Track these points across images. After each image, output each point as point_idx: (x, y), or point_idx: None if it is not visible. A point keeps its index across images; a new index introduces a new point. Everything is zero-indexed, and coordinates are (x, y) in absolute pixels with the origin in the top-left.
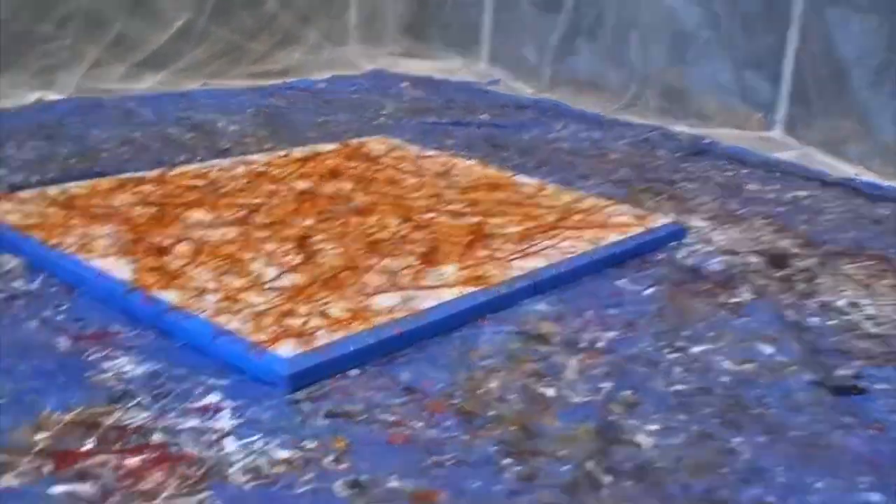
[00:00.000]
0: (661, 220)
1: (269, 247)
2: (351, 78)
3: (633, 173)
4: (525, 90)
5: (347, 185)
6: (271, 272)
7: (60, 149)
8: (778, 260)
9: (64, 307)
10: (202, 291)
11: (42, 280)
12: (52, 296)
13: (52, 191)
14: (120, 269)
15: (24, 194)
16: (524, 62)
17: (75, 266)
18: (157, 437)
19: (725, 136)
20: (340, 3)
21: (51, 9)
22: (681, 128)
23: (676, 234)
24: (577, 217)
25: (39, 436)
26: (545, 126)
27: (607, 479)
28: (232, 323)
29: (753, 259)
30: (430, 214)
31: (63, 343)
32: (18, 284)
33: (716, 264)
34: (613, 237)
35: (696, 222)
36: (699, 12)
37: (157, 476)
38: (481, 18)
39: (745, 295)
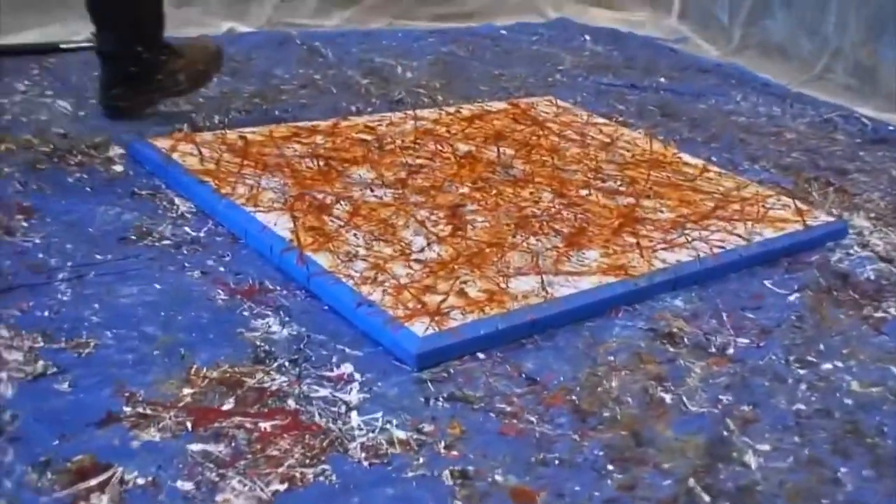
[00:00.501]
0: (822, 218)
1: (422, 213)
2: (535, 26)
3: (806, 158)
4: (712, 52)
5: (510, 151)
6: (419, 241)
7: (244, 86)
8: None
9: (227, 258)
10: (353, 257)
11: (209, 228)
12: (217, 245)
13: (231, 135)
14: (282, 225)
15: (204, 135)
16: (714, 21)
17: (241, 218)
18: (290, 404)
19: None
20: None
21: None
22: (867, 110)
23: (837, 232)
24: (734, 207)
25: (186, 391)
26: (724, 96)
27: (706, 498)
28: (375, 293)
29: None
30: (585, 191)
31: (220, 296)
32: (187, 230)
33: (869, 272)
34: (768, 233)
35: (860, 221)
36: None
37: (284, 443)
38: None
39: (891, 310)
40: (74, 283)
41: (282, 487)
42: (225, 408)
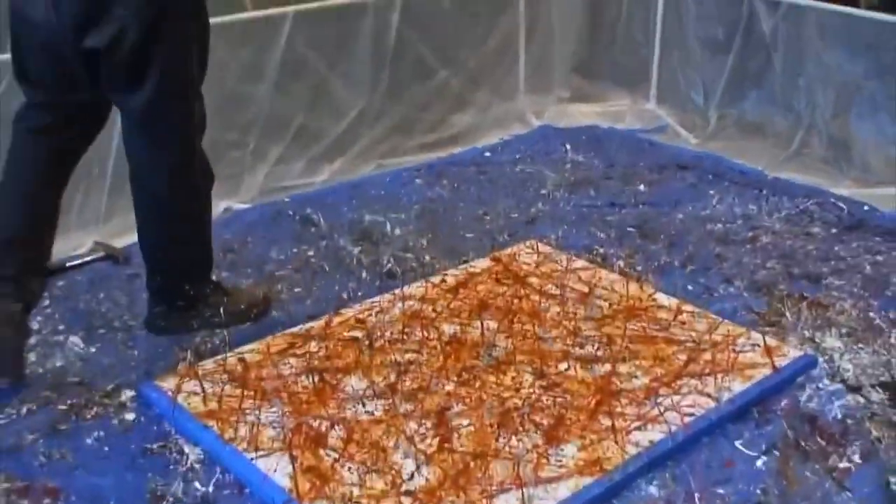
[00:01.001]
0: (791, 354)
1: (412, 425)
2: (517, 142)
3: (780, 267)
4: (690, 139)
5: (492, 325)
6: (409, 464)
7: (242, 280)
8: None
9: None
10: (348, 499)
11: (217, 479)
12: (225, 500)
13: (230, 359)
14: (282, 469)
15: (204, 366)
16: (690, 104)
17: (245, 467)
18: None
19: (886, 198)
20: (510, 58)
21: (234, 116)
22: (842, 189)
23: (806, 365)
24: (706, 357)
25: None
26: (701, 200)
27: None
28: None
29: (875, 396)
30: (564, 364)
31: None
32: (197, 485)
33: (837, 409)
34: (738, 386)
35: (831, 341)
36: (863, 63)
37: None
38: (650, 58)
39: (855, 457)
40: None
41: None
42: None
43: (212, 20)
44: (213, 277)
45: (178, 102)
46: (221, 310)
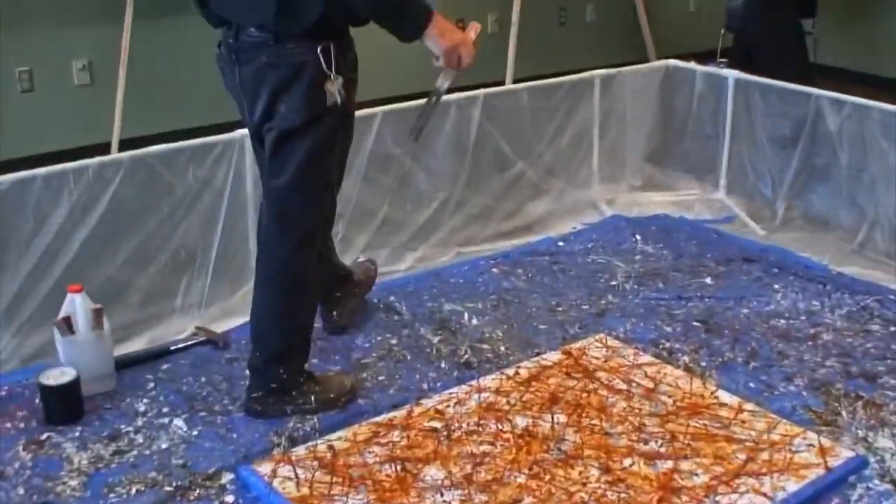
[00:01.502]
0: (843, 454)
1: None
2: (589, 231)
3: (839, 366)
4: (758, 231)
5: (562, 418)
6: None
7: (330, 367)
8: None
9: None
10: None
11: None
12: None
13: (321, 446)
14: None
15: (297, 453)
16: (759, 195)
17: None
18: None
19: None
20: (585, 148)
21: None
22: None
23: (858, 466)
24: (763, 457)
25: None
26: (765, 295)
27: None
28: None
29: None
30: (629, 460)
31: None
32: None
33: None
34: (792, 485)
35: (884, 441)
36: None
37: None
38: (720, 149)
39: None
40: None
41: None
42: None
43: None
44: (306, 367)
45: (311, 193)
46: (313, 397)
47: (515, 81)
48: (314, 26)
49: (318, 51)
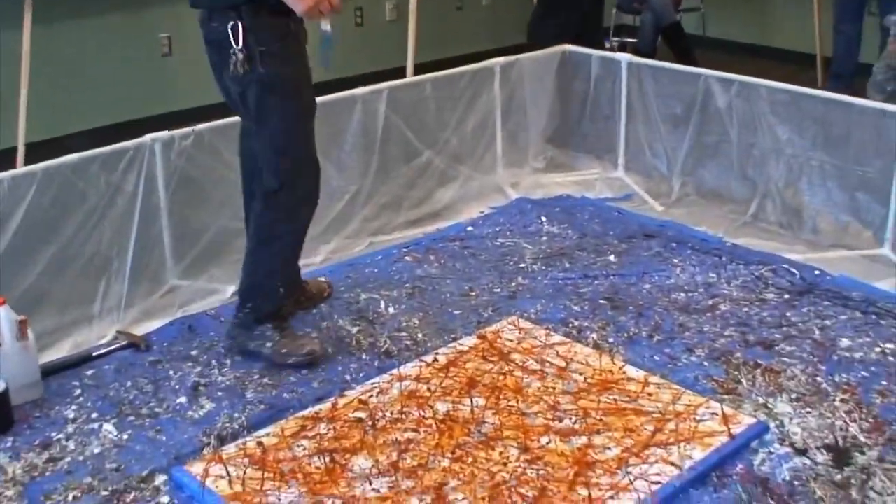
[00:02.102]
0: (745, 421)
1: (413, 501)
2: (496, 215)
3: (738, 335)
4: (655, 206)
5: (481, 401)
6: None
7: (254, 364)
8: (840, 457)
9: None
10: None
11: None
12: None
13: (250, 444)
14: None
15: (227, 451)
16: (655, 172)
17: None
18: None
19: (836, 260)
20: (489, 135)
21: (237, 203)
22: (795, 255)
23: (759, 431)
24: (670, 427)
25: None
26: (665, 269)
27: None
28: None
29: (820, 458)
30: (545, 439)
31: None
32: None
33: (785, 472)
34: (698, 454)
35: (782, 406)
36: (811, 137)
37: None
38: (617, 129)
39: None
40: None
41: None
42: None
43: (216, 122)
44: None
45: (263, 158)
46: (269, 345)
47: (416, 67)
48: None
49: (229, 27)
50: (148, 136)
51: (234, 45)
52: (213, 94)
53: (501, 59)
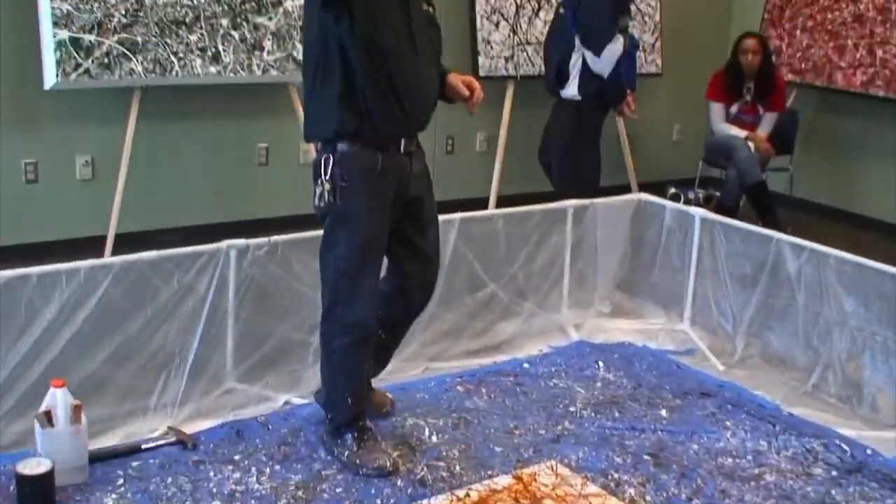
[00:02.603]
0: None
1: None
2: (554, 356)
3: None
4: (717, 365)
5: None
6: None
7: (292, 477)
8: None
9: None
10: None
11: None
12: None
13: None
14: None
15: None
16: (721, 329)
17: None
18: None
19: (891, 441)
20: (556, 274)
21: (300, 316)
22: (849, 430)
23: None
24: None
25: None
26: (716, 432)
27: None
28: None
29: None
30: None
31: None
32: None
33: None
34: None
35: None
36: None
37: None
38: (686, 282)
39: None
40: None
41: None
42: None
43: (291, 235)
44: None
45: (325, 276)
46: (346, 454)
47: (501, 198)
48: (326, 138)
49: (322, 158)
50: (224, 243)
51: (322, 176)
52: (303, 206)
53: (575, 202)
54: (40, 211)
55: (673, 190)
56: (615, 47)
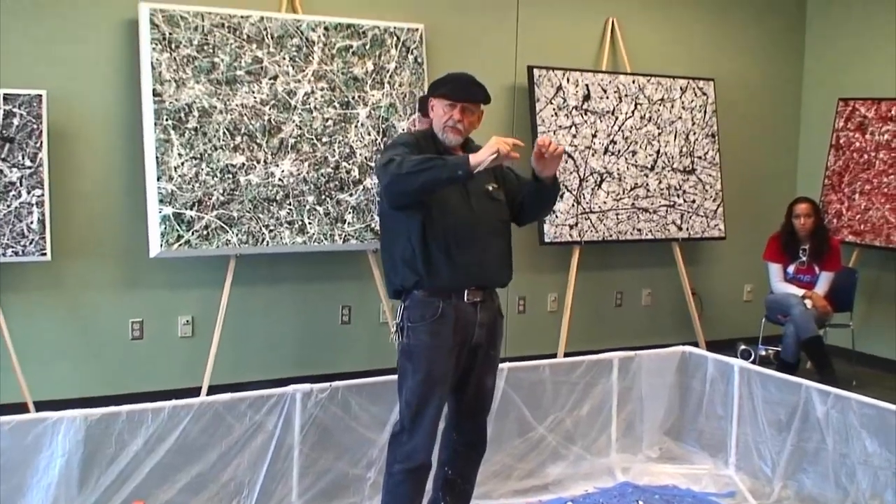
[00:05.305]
0: None
1: None
2: (599, 495)
3: None
4: None
5: None
6: None
7: None
8: None
9: None
10: None
11: None
12: None
13: None
14: None
15: None
16: (761, 473)
17: None
18: None
19: None
20: (604, 420)
21: (360, 454)
22: None
23: None
24: None
25: None
26: None
27: None
28: None
29: None
30: None
31: None
32: None
33: None
34: None
35: None
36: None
37: None
38: (729, 429)
39: None
40: None
41: None
42: None
43: (350, 381)
44: None
45: (400, 406)
46: None
47: (567, 356)
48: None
49: (399, 307)
50: (291, 387)
51: (397, 320)
52: (383, 360)
53: (620, 354)
54: (144, 365)
55: (742, 347)
56: None
